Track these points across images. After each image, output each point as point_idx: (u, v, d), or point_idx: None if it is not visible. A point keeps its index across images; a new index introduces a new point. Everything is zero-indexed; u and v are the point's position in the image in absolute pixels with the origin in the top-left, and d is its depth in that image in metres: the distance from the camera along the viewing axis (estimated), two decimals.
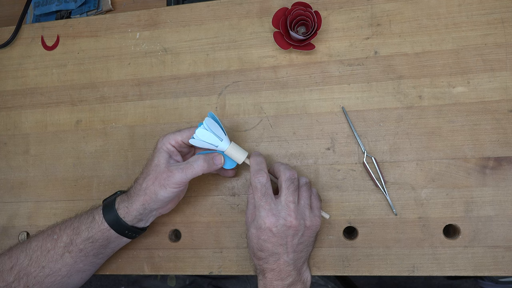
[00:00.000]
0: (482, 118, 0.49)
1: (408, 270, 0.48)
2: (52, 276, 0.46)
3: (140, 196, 0.45)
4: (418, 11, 0.51)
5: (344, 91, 0.52)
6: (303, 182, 0.46)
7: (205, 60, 0.55)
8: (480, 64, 0.49)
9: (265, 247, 0.43)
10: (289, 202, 0.43)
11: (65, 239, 0.46)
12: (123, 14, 0.59)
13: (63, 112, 0.58)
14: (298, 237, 0.44)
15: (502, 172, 0.48)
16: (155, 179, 0.44)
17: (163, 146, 0.46)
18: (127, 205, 0.45)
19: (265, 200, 0.43)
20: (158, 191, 0.44)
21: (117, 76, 0.58)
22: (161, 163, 0.45)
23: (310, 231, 0.44)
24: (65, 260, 0.46)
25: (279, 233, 0.43)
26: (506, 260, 0.47)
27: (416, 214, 0.49)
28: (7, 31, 0.61)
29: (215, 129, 0.45)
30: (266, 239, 0.43)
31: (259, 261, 0.45)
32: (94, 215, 0.46)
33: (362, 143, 0.50)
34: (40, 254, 0.46)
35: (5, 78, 0.61)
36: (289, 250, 0.44)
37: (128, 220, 0.45)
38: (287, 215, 0.43)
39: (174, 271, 0.53)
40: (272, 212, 0.43)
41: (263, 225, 0.43)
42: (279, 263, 0.44)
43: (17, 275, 0.45)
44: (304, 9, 0.50)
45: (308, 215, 0.44)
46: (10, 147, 0.59)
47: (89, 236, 0.45)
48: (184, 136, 0.46)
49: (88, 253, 0.46)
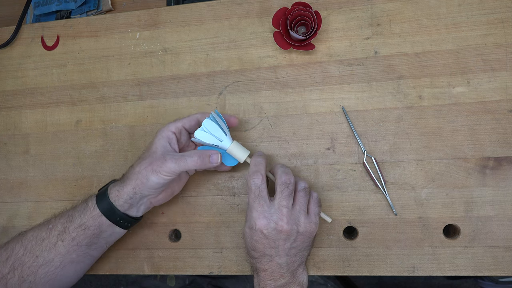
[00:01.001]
0: (482, 118, 0.49)
1: (408, 270, 0.48)
2: (46, 266, 0.45)
3: (132, 180, 0.45)
4: (418, 11, 0.51)
5: (344, 91, 0.52)
6: (301, 187, 0.45)
7: (205, 60, 0.55)
8: (480, 64, 0.49)
9: (257, 248, 0.44)
10: (282, 206, 0.43)
11: (59, 228, 0.46)
12: (123, 14, 0.59)
13: (63, 112, 0.58)
14: (290, 241, 0.43)
15: (502, 172, 0.48)
16: (149, 164, 0.44)
17: (163, 133, 0.46)
18: (119, 189, 0.45)
19: (258, 202, 0.43)
20: (149, 176, 0.44)
21: (117, 76, 0.58)
22: (158, 150, 0.45)
23: (303, 237, 0.44)
24: (58, 249, 0.45)
25: (270, 236, 0.43)
26: (506, 260, 0.47)
27: (416, 214, 0.49)
28: (7, 31, 0.61)
29: (215, 129, 0.46)
30: (258, 240, 0.43)
31: (252, 260, 0.46)
32: (87, 202, 0.46)
33: (362, 143, 0.50)
34: (35, 244, 0.46)
35: (5, 78, 0.61)
36: (281, 254, 0.44)
37: (118, 205, 0.45)
38: (278, 219, 0.42)
39: (174, 271, 0.53)
40: (264, 215, 0.43)
41: (254, 226, 0.43)
42: (271, 264, 0.44)
43: (12, 266, 0.45)
44: (304, 9, 0.50)
45: (303, 221, 0.43)
46: (10, 147, 0.59)
47: (82, 223, 0.45)
48: (185, 121, 0.47)
49: (80, 242, 0.46)
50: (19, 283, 0.45)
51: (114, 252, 0.54)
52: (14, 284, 0.45)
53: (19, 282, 0.45)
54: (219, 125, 0.46)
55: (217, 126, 0.46)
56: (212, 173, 0.53)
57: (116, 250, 0.54)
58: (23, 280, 0.45)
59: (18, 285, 0.45)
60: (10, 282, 0.44)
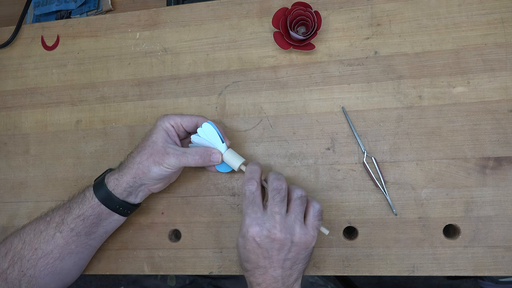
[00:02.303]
0: (482, 118, 0.49)
1: (408, 270, 0.48)
2: (45, 258, 0.45)
3: (132, 169, 0.45)
4: (418, 11, 0.51)
5: (344, 91, 0.52)
6: (298, 195, 0.43)
7: (205, 60, 0.55)
8: (480, 64, 0.49)
9: (250, 259, 0.42)
10: (274, 212, 0.41)
11: (57, 219, 0.46)
12: (123, 14, 0.59)
13: (63, 112, 0.58)
14: (284, 252, 0.41)
15: (502, 172, 0.48)
16: (150, 155, 0.45)
17: (162, 124, 0.46)
18: (117, 177, 0.45)
19: (252, 208, 0.42)
20: (151, 167, 0.44)
21: (117, 76, 0.58)
22: (159, 141, 0.45)
23: (298, 248, 0.41)
24: (56, 241, 0.45)
25: (263, 245, 0.41)
26: (506, 260, 0.47)
27: (416, 214, 0.49)
28: (7, 31, 0.61)
29: (212, 135, 0.47)
30: (251, 249, 0.41)
31: (246, 273, 0.43)
32: (85, 193, 0.47)
33: (362, 143, 0.50)
34: (33, 237, 0.46)
35: (5, 78, 0.61)
36: (275, 265, 0.41)
37: (117, 193, 0.45)
38: (271, 226, 0.40)
39: (174, 271, 0.53)
40: (257, 222, 0.41)
41: (247, 234, 0.41)
42: (265, 277, 0.41)
43: (12, 260, 0.45)
44: (304, 9, 0.50)
45: (298, 230, 0.41)
46: (10, 147, 0.59)
47: (80, 214, 0.45)
48: (185, 120, 0.47)
49: (79, 232, 0.46)
50: (19, 278, 0.45)
51: (114, 252, 0.54)
52: (14, 278, 0.45)
53: (19, 277, 0.45)
54: (217, 131, 0.47)
55: (215, 131, 0.47)
56: (212, 173, 0.53)
57: (116, 250, 0.54)
58: (23, 274, 0.45)
59: (18, 279, 0.45)
60: (10, 276, 0.44)
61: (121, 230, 0.54)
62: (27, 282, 0.45)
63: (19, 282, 0.45)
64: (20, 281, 0.45)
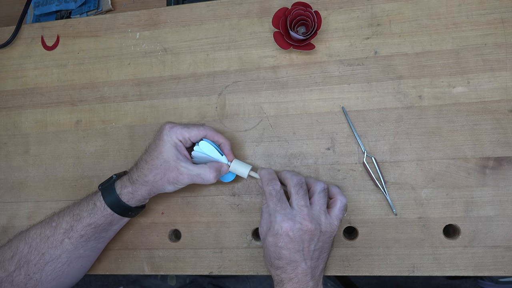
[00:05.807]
0: (482, 118, 0.49)
1: (408, 270, 0.48)
2: (52, 263, 0.46)
3: (146, 187, 0.46)
4: (418, 11, 0.51)
5: (344, 91, 0.52)
6: (320, 188, 0.45)
7: (205, 60, 0.55)
8: (480, 64, 0.49)
9: (283, 255, 0.43)
10: (301, 206, 0.43)
11: (64, 226, 0.46)
12: (123, 14, 0.59)
13: (63, 112, 0.58)
14: (314, 242, 0.43)
15: (502, 172, 0.48)
16: (163, 175, 0.46)
17: (170, 140, 0.47)
18: (132, 191, 0.46)
19: (281, 205, 0.44)
20: (166, 186, 0.47)
21: (117, 76, 0.58)
22: (170, 160, 0.46)
23: (324, 237, 0.44)
24: (65, 246, 0.46)
25: (296, 238, 0.42)
26: (506, 260, 0.47)
27: (416, 214, 0.49)
28: (7, 31, 0.61)
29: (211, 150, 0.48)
30: (283, 245, 0.43)
31: (276, 271, 0.44)
32: (94, 202, 0.47)
33: (362, 143, 0.50)
34: (39, 241, 0.46)
35: (5, 78, 0.61)
36: (306, 257, 0.43)
37: (131, 204, 0.47)
38: (302, 219, 0.43)
39: (174, 271, 0.53)
40: (288, 217, 0.43)
41: (280, 230, 0.43)
42: (297, 272, 0.43)
43: (18, 264, 0.45)
44: (304, 9, 0.50)
45: (324, 220, 0.44)
46: (10, 147, 0.59)
47: (91, 222, 0.46)
48: (192, 134, 0.47)
49: (89, 238, 0.47)
50: (25, 281, 0.45)
51: (114, 252, 0.54)
52: (20, 282, 0.45)
53: (25, 280, 0.45)
54: (214, 146, 0.48)
55: (213, 147, 0.48)
56: None
57: (116, 250, 0.54)
58: (30, 278, 0.45)
59: (24, 283, 0.45)
60: (16, 279, 0.45)
61: (121, 230, 0.54)
62: (33, 286, 0.45)
63: (25, 286, 0.45)
64: (26, 284, 0.45)
